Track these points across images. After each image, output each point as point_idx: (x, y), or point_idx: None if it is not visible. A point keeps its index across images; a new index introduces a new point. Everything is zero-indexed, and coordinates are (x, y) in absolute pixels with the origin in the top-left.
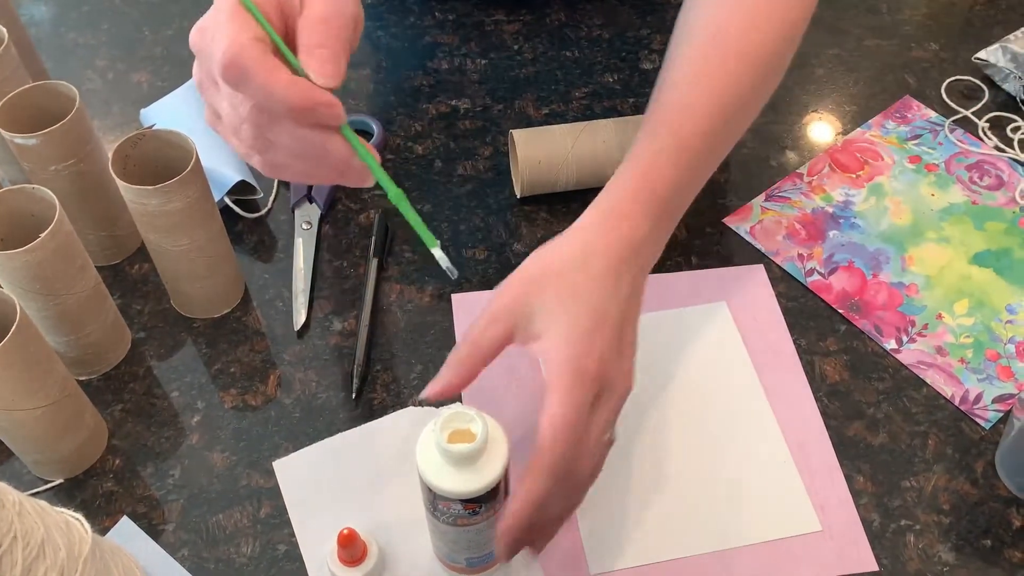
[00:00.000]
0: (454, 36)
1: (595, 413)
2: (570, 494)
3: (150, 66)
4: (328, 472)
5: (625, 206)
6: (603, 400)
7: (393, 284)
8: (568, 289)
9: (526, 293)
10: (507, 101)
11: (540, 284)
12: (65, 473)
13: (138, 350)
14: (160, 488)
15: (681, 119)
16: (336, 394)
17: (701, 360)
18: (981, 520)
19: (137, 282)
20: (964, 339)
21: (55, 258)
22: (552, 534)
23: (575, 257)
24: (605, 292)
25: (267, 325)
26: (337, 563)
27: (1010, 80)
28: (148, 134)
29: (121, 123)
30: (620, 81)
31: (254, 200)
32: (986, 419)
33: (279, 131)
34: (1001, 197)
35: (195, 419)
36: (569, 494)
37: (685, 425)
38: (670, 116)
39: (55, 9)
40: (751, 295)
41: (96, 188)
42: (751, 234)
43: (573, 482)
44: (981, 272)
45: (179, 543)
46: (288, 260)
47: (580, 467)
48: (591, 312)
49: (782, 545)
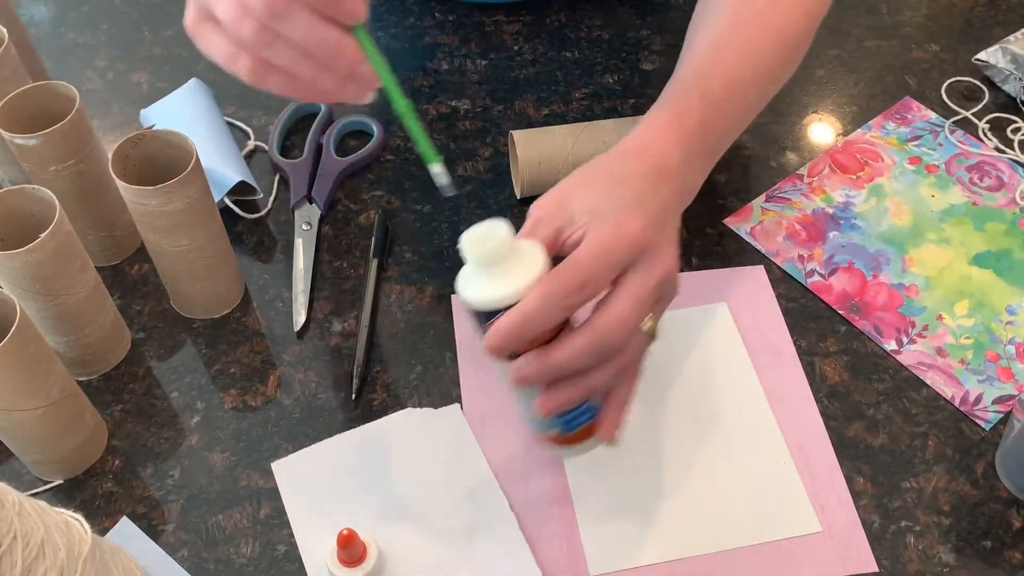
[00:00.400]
0: (454, 37)
1: (629, 277)
2: (594, 354)
3: (150, 66)
4: (327, 473)
5: (654, 134)
6: (641, 268)
7: (393, 285)
8: (609, 182)
9: (567, 197)
10: (507, 102)
11: (580, 186)
12: (65, 473)
13: (138, 350)
14: (160, 488)
15: (711, 69)
16: (336, 395)
17: (701, 361)
18: (981, 521)
19: (137, 282)
20: (964, 340)
21: (55, 258)
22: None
23: (613, 162)
24: (646, 185)
25: (267, 326)
26: (337, 564)
27: (1010, 81)
28: (148, 134)
29: (121, 123)
30: (620, 82)
31: (254, 201)
32: (986, 420)
33: (293, 21)
34: (1001, 198)
35: (195, 419)
36: (593, 353)
37: (685, 426)
38: (698, 67)
39: (55, 9)
40: (751, 296)
41: (96, 188)
42: (751, 235)
43: (598, 343)
44: (981, 273)
45: (179, 543)
46: (288, 261)
47: (607, 328)
48: (633, 194)
49: (782, 546)
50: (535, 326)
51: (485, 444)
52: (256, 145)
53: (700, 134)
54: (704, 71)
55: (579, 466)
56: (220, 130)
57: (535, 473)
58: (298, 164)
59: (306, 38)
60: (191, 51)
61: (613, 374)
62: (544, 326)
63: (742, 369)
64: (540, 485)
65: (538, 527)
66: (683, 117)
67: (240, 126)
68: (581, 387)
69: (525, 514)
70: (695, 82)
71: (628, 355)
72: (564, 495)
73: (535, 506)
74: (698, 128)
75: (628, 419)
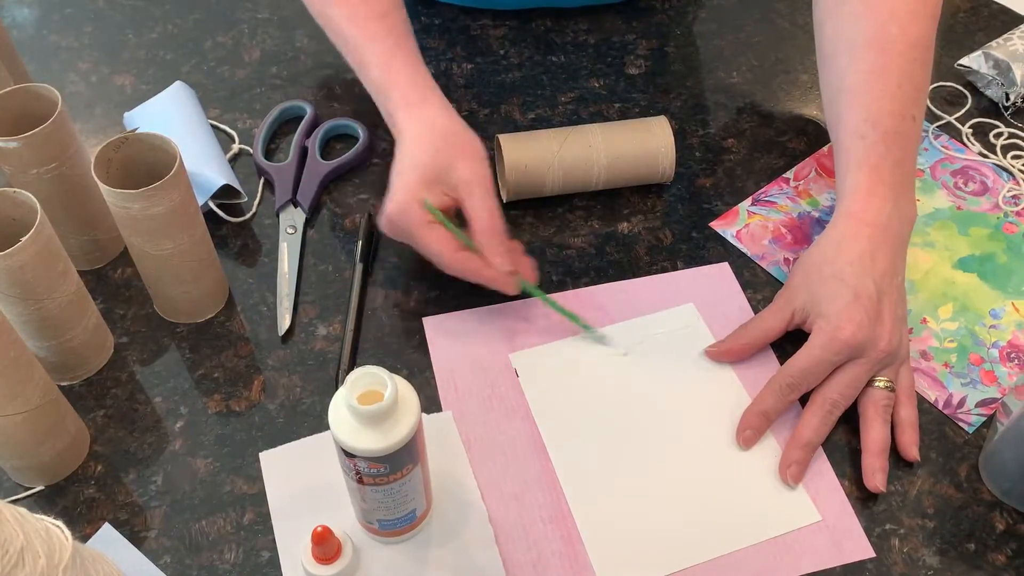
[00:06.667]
0: (440, 41)
1: (847, 369)
2: (825, 423)
3: (133, 69)
4: (312, 469)
5: (865, 202)
6: (859, 361)
7: (378, 289)
8: (830, 275)
9: (800, 285)
10: (493, 106)
11: (809, 276)
12: (46, 479)
13: (121, 355)
14: (142, 494)
15: (877, 108)
16: (321, 399)
17: (676, 366)
18: (965, 523)
19: (120, 287)
20: (948, 343)
21: (36, 262)
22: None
23: (832, 248)
24: (862, 270)
25: (251, 330)
26: (311, 560)
27: (992, 86)
28: (131, 137)
29: (104, 126)
30: (606, 86)
31: (238, 204)
32: (969, 423)
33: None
34: (985, 203)
35: (178, 425)
36: (824, 423)
37: (673, 433)
38: (865, 109)
39: (38, 12)
40: (719, 293)
41: (78, 192)
42: (737, 238)
43: (823, 417)
44: (965, 277)
45: (161, 550)
46: (273, 264)
47: (826, 403)
48: (849, 290)
49: (782, 540)
50: (771, 416)
51: (472, 465)
52: (241, 148)
53: (900, 173)
54: (872, 112)
55: (574, 482)
56: (204, 133)
57: (528, 490)
58: (283, 167)
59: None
60: (175, 54)
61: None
62: (775, 414)
63: (719, 371)
64: (534, 502)
65: (537, 546)
66: (879, 169)
67: (224, 129)
68: (812, 450)
69: (519, 532)
70: (872, 127)
71: (869, 408)
72: (561, 512)
73: (531, 524)
74: (896, 169)
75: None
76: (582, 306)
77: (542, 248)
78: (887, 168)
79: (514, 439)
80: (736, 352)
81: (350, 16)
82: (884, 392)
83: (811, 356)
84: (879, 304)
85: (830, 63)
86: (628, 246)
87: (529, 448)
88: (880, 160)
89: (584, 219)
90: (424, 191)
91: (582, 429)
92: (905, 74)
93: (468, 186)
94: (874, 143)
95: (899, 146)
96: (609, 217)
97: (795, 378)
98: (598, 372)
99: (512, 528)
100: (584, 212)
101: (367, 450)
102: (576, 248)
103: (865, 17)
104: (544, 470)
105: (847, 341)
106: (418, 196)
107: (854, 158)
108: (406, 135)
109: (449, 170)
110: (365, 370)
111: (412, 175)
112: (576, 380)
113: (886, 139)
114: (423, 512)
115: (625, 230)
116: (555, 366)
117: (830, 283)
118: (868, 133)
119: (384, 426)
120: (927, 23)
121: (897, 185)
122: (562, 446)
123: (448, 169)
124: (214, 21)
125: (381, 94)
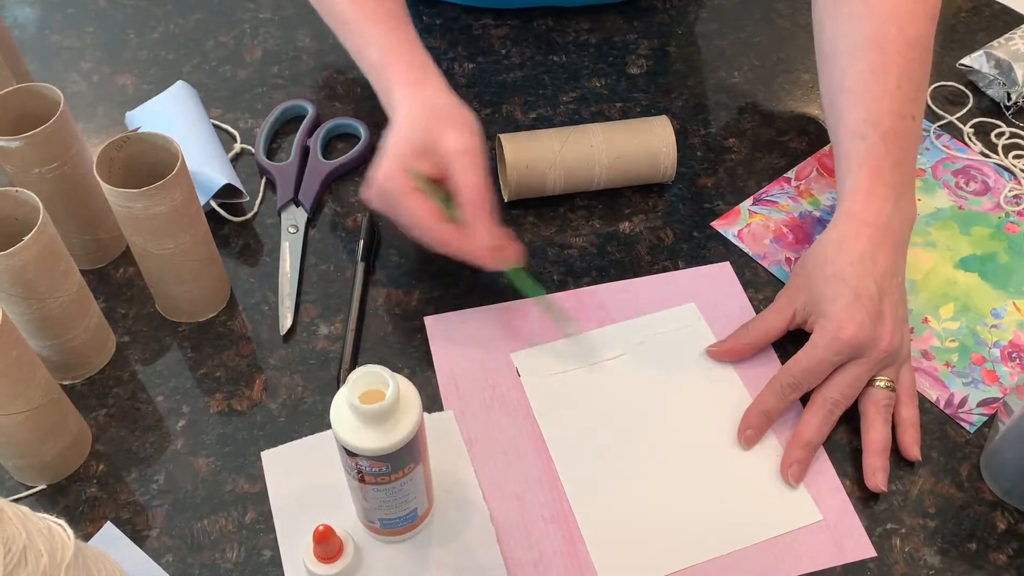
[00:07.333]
0: (442, 40)
1: (847, 369)
2: (826, 422)
3: (135, 69)
4: (314, 467)
5: (865, 202)
6: (860, 361)
7: (380, 288)
8: (831, 275)
9: (801, 285)
10: (494, 105)
11: (810, 276)
12: (48, 479)
13: (122, 354)
14: (144, 494)
15: (877, 108)
16: (322, 398)
17: (678, 365)
18: (966, 523)
19: (122, 286)
20: (949, 343)
21: (38, 262)
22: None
23: (833, 248)
24: (863, 270)
25: (253, 329)
26: (312, 559)
27: (994, 86)
28: (133, 137)
29: (106, 126)
30: (607, 86)
31: (240, 203)
32: (971, 423)
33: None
34: (987, 202)
35: (180, 424)
36: (825, 422)
37: (675, 432)
38: (865, 110)
39: (40, 11)
40: (720, 293)
41: (80, 191)
42: (739, 238)
43: (824, 416)
44: (967, 277)
45: (163, 549)
46: (274, 264)
47: (826, 402)
48: (850, 290)
49: (784, 539)
50: (773, 416)
51: (474, 464)
52: (242, 148)
53: (900, 173)
54: (872, 112)
55: (576, 481)
56: (206, 133)
57: (529, 490)
58: (284, 167)
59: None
60: (177, 53)
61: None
62: (776, 413)
63: (720, 370)
64: (536, 501)
65: (538, 545)
66: (879, 169)
67: (226, 129)
68: (814, 449)
69: (521, 531)
70: (872, 127)
71: (870, 407)
72: (562, 512)
73: (532, 523)
74: (896, 169)
75: (619, 434)
76: (583, 306)
77: (544, 248)
78: (887, 168)
79: (515, 438)
80: (737, 352)
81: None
82: (885, 392)
83: (812, 356)
84: (880, 304)
85: (829, 63)
86: (629, 246)
87: (530, 447)
88: (880, 160)
89: (585, 219)
90: (412, 160)
91: (583, 428)
92: (904, 74)
93: (456, 157)
94: (874, 143)
95: (899, 146)
96: (610, 217)
97: (796, 378)
98: (599, 372)
99: (513, 527)
100: (585, 212)
101: (369, 449)
102: (577, 248)
103: (864, 17)
104: (545, 469)
105: (848, 341)
106: (405, 164)
107: (854, 158)
108: (400, 111)
109: (438, 140)
110: (367, 369)
111: (402, 145)
112: (578, 379)
113: (886, 139)
114: (424, 511)
115: (626, 230)
116: (557, 366)
117: (831, 283)
118: (868, 133)
119: (386, 425)
120: (926, 23)
121: (897, 185)
122: (563, 445)
123: (437, 140)
124: (216, 21)
125: (380, 74)
